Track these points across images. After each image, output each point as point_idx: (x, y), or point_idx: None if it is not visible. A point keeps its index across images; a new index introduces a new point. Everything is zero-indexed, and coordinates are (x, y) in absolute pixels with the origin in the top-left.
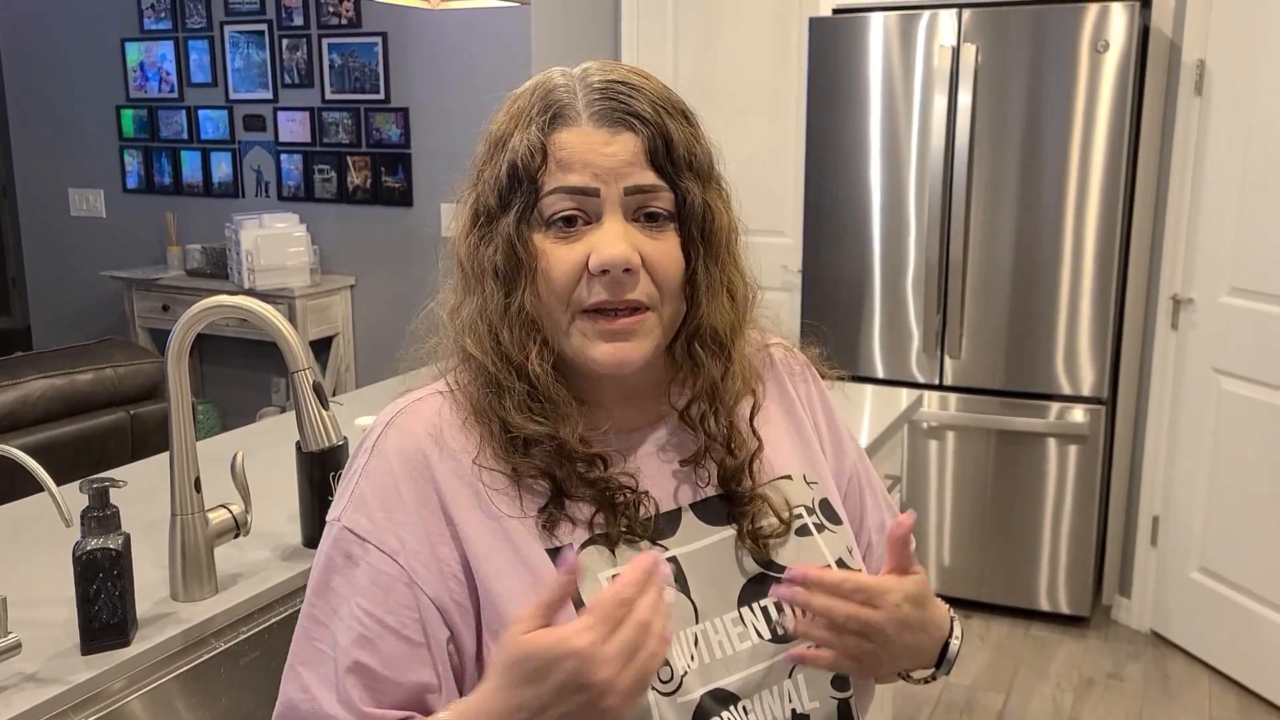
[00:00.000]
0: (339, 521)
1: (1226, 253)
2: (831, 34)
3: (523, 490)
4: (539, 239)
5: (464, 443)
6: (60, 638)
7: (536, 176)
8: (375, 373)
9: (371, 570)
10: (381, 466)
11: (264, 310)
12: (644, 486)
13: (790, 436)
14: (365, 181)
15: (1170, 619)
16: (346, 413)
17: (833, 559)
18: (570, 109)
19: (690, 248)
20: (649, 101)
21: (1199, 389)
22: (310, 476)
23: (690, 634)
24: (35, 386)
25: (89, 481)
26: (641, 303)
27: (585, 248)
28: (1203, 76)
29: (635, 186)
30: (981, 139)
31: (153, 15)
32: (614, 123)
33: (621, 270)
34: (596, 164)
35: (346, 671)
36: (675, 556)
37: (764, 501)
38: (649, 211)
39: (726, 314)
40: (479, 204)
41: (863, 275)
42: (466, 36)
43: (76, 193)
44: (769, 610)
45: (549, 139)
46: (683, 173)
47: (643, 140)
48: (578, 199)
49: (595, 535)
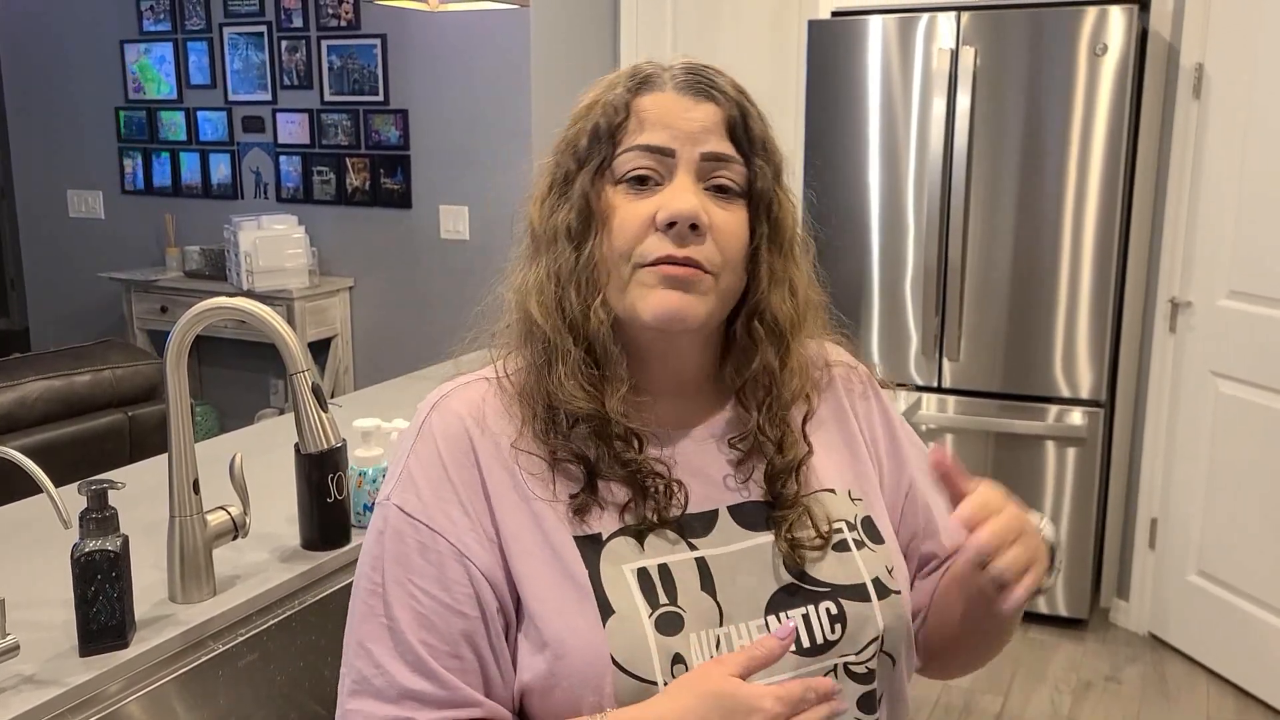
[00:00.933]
0: (390, 500)
1: (1224, 256)
2: (830, 37)
3: (557, 476)
4: (610, 193)
5: (504, 426)
6: (58, 639)
7: (616, 133)
8: (374, 374)
9: (422, 548)
10: (428, 447)
11: (262, 312)
12: (679, 476)
13: (840, 450)
14: (364, 183)
15: (1168, 622)
16: (345, 414)
17: (869, 577)
18: (657, 78)
19: (756, 226)
20: (730, 83)
21: (1197, 392)
22: (309, 478)
23: (712, 636)
24: (33, 388)
25: (87, 483)
26: (702, 264)
27: (654, 204)
28: (1201, 80)
29: (711, 153)
30: (980, 142)
31: (152, 17)
32: (697, 92)
33: (688, 225)
34: (676, 126)
35: (416, 644)
36: (704, 557)
37: (805, 512)
38: (719, 184)
39: (787, 306)
40: (557, 170)
41: (861, 278)
42: (465, 38)
43: (75, 194)
44: (797, 621)
45: (634, 100)
46: (757, 150)
47: (723, 111)
48: (654, 157)
49: (626, 526)
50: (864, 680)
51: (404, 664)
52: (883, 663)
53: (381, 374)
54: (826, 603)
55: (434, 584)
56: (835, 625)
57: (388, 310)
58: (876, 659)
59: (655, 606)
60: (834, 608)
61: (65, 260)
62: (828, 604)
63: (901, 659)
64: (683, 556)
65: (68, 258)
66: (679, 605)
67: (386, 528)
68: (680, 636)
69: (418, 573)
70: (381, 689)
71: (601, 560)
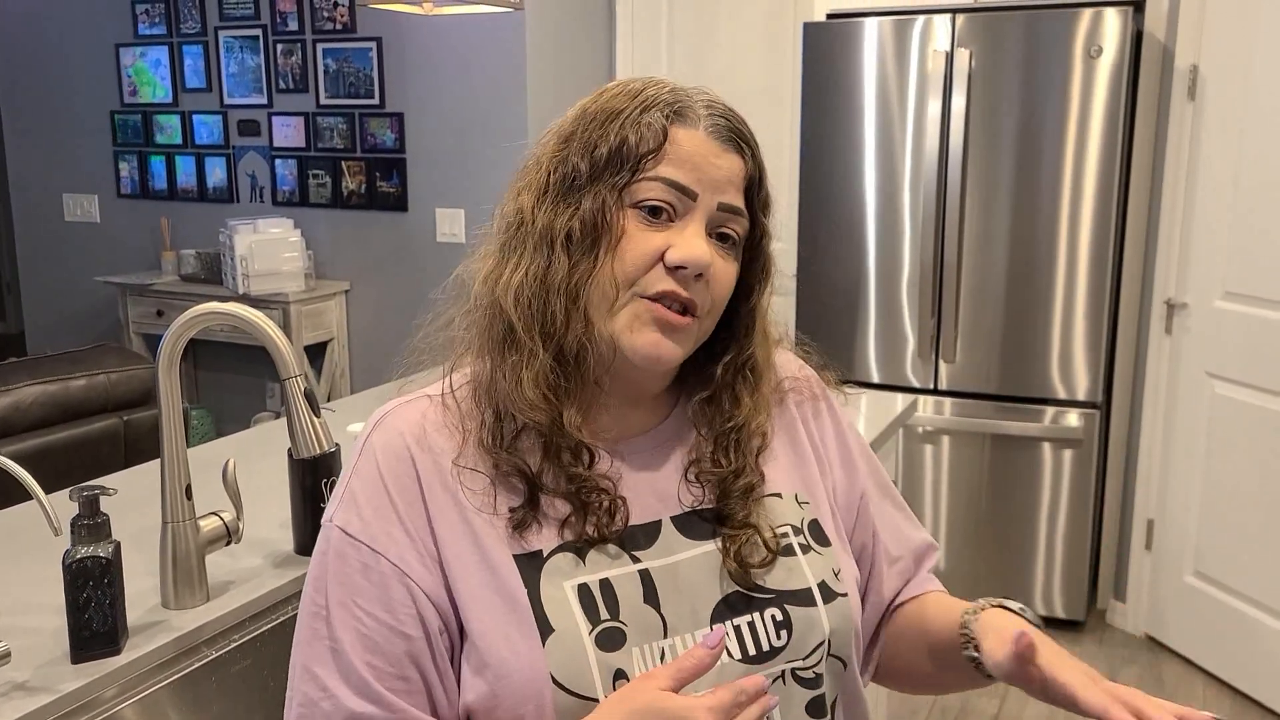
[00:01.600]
0: (332, 522)
1: (1220, 257)
2: (825, 39)
3: (499, 490)
4: (623, 215)
5: (445, 443)
6: (50, 646)
7: (645, 159)
8: (370, 378)
9: (365, 569)
10: (369, 466)
11: (254, 317)
12: (623, 493)
13: (787, 455)
14: (360, 186)
15: (1165, 623)
16: (340, 419)
17: (815, 581)
18: (690, 111)
19: (755, 282)
20: (749, 134)
21: (1193, 393)
22: (302, 483)
23: (656, 648)
24: (28, 393)
25: (79, 489)
26: (695, 307)
27: (664, 240)
28: (1195, 81)
29: (729, 205)
30: (975, 144)
31: (147, 20)
32: (727, 141)
33: (696, 274)
34: (704, 170)
35: (355, 670)
36: (647, 569)
37: (755, 531)
38: (722, 232)
39: (764, 350)
40: (561, 171)
41: (858, 280)
42: (461, 41)
43: (71, 198)
44: (742, 629)
45: (670, 128)
46: (764, 209)
47: (747, 167)
48: (676, 194)
49: (565, 542)
50: (812, 685)
51: (349, 688)
52: (833, 666)
53: (378, 377)
54: (771, 609)
55: (377, 605)
56: (780, 631)
57: (384, 313)
58: (825, 663)
59: (596, 623)
60: (779, 614)
61: (61, 264)
62: (773, 610)
63: (853, 662)
64: (625, 570)
65: (63, 262)
66: (621, 620)
67: (329, 549)
68: (623, 651)
69: (361, 594)
70: (329, 713)
71: (542, 578)
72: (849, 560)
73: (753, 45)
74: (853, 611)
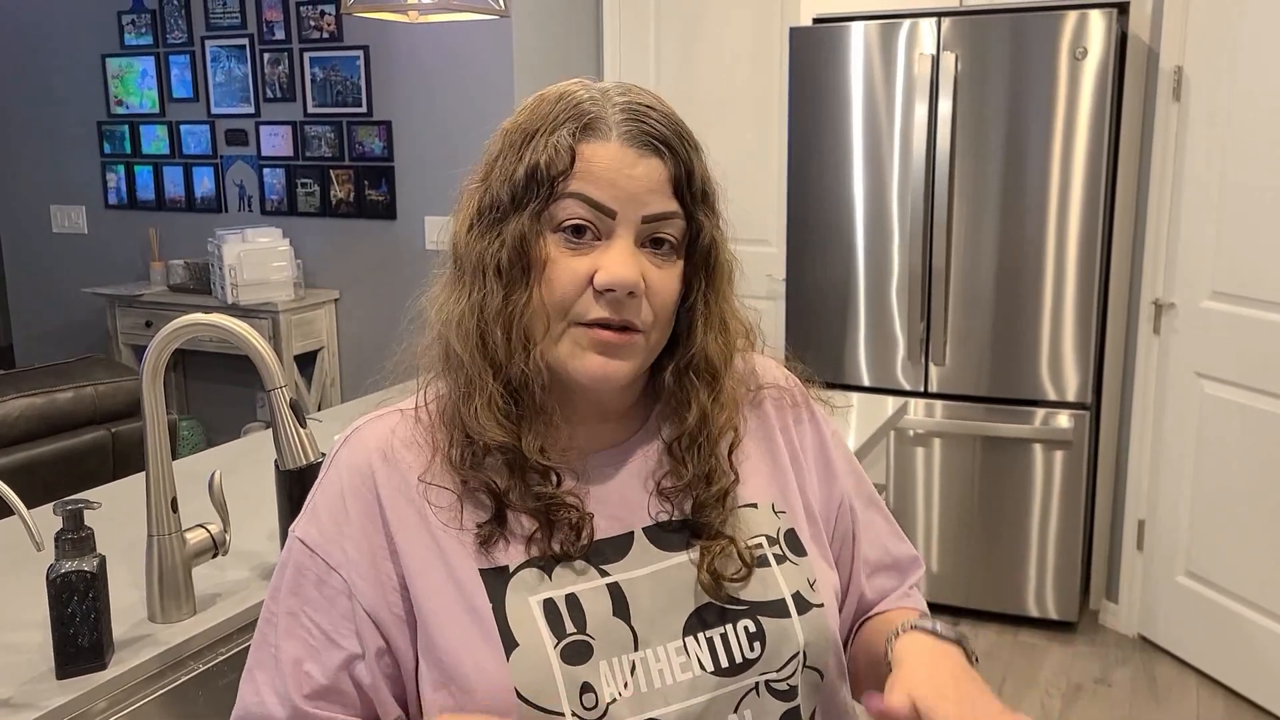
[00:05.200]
0: (294, 532)
1: (1207, 257)
2: (812, 43)
3: (465, 507)
4: (546, 240)
5: (413, 459)
6: (35, 661)
7: (557, 180)
8: (360, 387)
9: (319, 581)
10: (334, 480)
11: (238, 327)
12: (592, 508)
13: (764, 464)
14: (348, 195)
15: (1157, 623)
16: (328, 429)
17: (789, 592)
18: (601, 122)
19: (694, 279)
20: (673, 129)
21: (1182, 393)
22: (289, 494)
23: (627, 661)
24: (14, 406)
25: (63, 503)
26: (635, 325)
27: (592, 263)
28: (1180, 82)
29: (653, 215)
30: (962, 146)
31: (133, 31)
32: (642, 145)
33: (626, 293)
34: (620, 185)
35: (290, 677)
36: (617, 582)
37: (730, 543)
38: (657, 238)
39: (719, 344)
40: (487, 198)
41: (847, 283)
42: (448, 49)
43: (58, 209)
44: (715, 641)
45: (577, 146)
46: (699, 205)
47: (669, 168)
48: (594, 212)
49: (531, 558)
50: (786, 697)
51: (275, 696)
52: (809, 678)
53: (368, 386)
54: (745, 620)
55: (324, 616)
56: (754, 643)
57: (374, 322)
58: (800, 675)
59: (561, 636)
60: (752, 625)
61: (48, 276)
62: (746, 622)
63: (831, 672)
64: (593, 584)
65: (51, 273)
66: (588, 633)
67: (290, 559)
68: (589, 665)
69: (311, 604)
70: (259, 717)
71: (507, 593)
72: (827, 570)
73: (739, 51)
74: (829, 622)
